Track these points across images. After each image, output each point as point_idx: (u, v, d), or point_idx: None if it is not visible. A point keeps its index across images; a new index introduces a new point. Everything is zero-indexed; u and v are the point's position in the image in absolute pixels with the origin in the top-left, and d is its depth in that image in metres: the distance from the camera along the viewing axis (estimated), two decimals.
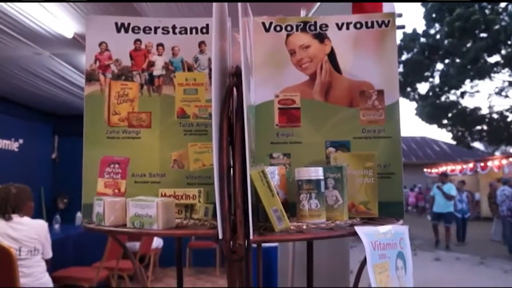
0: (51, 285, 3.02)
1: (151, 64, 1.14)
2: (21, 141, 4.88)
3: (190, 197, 0.95)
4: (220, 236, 0.73)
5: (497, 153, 16.98)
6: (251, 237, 0.74)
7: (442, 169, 15.72)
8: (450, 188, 8.72)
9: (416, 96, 14.27)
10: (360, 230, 0.78)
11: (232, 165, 0.84)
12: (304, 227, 0.84)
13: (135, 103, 1.12)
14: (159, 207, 0.80)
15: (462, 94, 13.67)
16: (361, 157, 1.00)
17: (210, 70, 1.12)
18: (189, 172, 1.10)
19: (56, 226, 4.44)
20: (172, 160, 1.10)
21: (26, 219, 2.92)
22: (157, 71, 1.14)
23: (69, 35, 3.08)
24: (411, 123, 34.37)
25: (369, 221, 0.96)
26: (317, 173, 0.88)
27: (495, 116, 13.34)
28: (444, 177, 9.25)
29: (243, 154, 0.78)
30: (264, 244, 4.02)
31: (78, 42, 3.17)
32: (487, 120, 13.42)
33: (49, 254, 3.05)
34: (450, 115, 13.67)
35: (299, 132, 1.12)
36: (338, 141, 1.11)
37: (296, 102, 1.12)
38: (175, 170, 1.10)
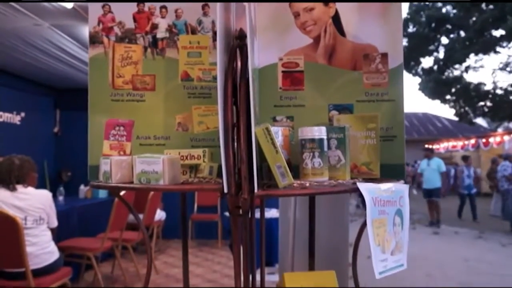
0: (58, 254, 3.08)
1: (155, 26, 1.13)
2: (23, 114, 4.88)
3: (195, 157, 0.97)
4: (225, 190, 0.75)
5: (500, 130, 16.97)
6: (255, 191, 0.75)
7: (444, 145, 15.76)
8: (440, 163, 8.52)
9: (420, 71, 14.11)
10: (362, 186, 0.79)
11: (236, 123, 0.85)
12: (307, 184, 0.86)
13: (139, 65, 1.12)
14: (165, 163, 0.82)
15: (467, 69, 13.50)
16: (364, 118, 1.00)
17: (214, 33, 1.12)
18: (193, 134, 1.11)
19: (60, 198, 4.49)
20: (177, 123, 1.11)
21: (31, 189, 2.96)
22: (161, 33, 1.14)
23: (69, 5, 3.04)
24: (414, 99, 34.21)
25: (370, 181, 0.97)
26: (320, 132, 0.90)
27: (498, 91, 13.23)
28: (429, 153, 9.01)
29: (247, 111, 0.79)
30: (266, 216, 4.07)
31: (78, 13, 3.13)
32: (490, 96, 13.31)
33: (54, 224, 3.10)
34: (453, 90, 13.54)
35: (302, 95, 1.12)
36: (341, 105, 1.11)
37: (300, 65, 1.12)
38: (179, 133, 1.11)
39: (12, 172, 2.90)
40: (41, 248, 2.92)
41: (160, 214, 5.25)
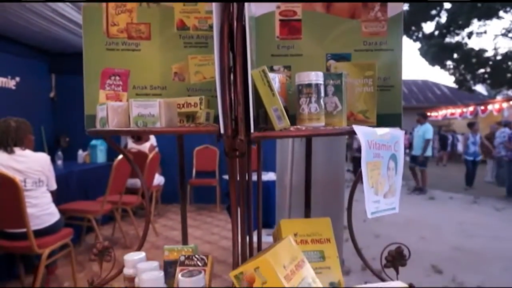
0: (58, 215, 3.13)
1: None
2: (18, 79, 4.82)
3: (191, 105, 0.96)
4: (222, 131, 0.75)
5: (499, 97, 16.92)
6: (251, 133, 0.76)
7: (442, 112, 15.75)
8: (427, 130, 8.17)
9: (421, 36, 13.89)
10: (358, 128, 0.79)
11: (233, 67, 0.84)
12: (303, 129, 0.86)
13: (134, 14, 1.09)
14: (162, 106, 0.82)
15: (469, 35, 13.30)
16: (361, 66, 1.00)
17: None
18: (190, 84, 1.10)
19: (59, 162, 4.51)
20: (173, 73, 1.10)
21: (28, 152, 2.96)
22: None
23: None
24: (413, 66, 33.86)
25: None
26: (317, 77, 0.89)
27: (499, 58, 13.09)
28: (422, 118, 8.44)
29: (244, 53, 0.78)
30: (263, 179, 4.11)
31: None
32: (490, 62, 13.19)
33: (54, 186, 3.13)
34: (454, 56, 13.39)
35: (300, 44, 1.11)
36: (339, 54, 1.10)
37: (298, 14, 1.10)
38: (176, 83, 1.10)
39: (9, 134, 2.89)
40: (42, 210, 2.96)
41: (158, 179, 5.30)
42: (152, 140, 5.33)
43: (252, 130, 0.77)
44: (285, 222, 1.04)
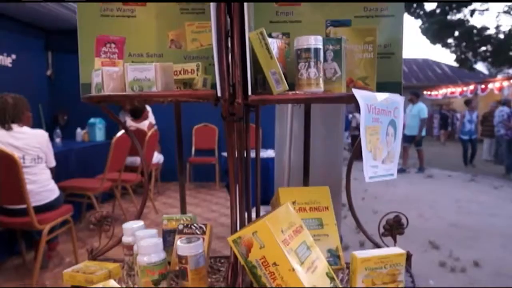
0: (58, 192, 3.14)
1: None
2: (13, 56, 4.77)
3: (188, 71, 0.95)
4: (219, 95, 0.74)
5: (500, 76, 16.82)
6: (249, 96, 0.74)
7: (442, 91, 15.67)
8: (422, 109, 8.03)
9: (422, 13, 13.68)
10: (357, 92, 0.78)
11: (230, 31, 0.82)
12: (302, 93, 0.85)
13: None
14: (157, 69, 0.80)
15: (471, 12, 13.11)
16: (361, 31, 0.97)
17: None
18: (186, 52, 1.08)
19: (57, 140, 4.50)
20: (169, 40, 1.08)
21: (26, 129, 2.95)
22: None
23: None
24: (414, 45, 33.48)
25: None
26: (316, 41, 0.87)
27: (501, 36, 12.94)
28: (415, 97, 8.30)
29: (241, 15, 0.76)
30: (262, 156, 4.11)
31: None
32: (493, 40, 13.04)
33: (53, 163, 3.13)
34: (456, 34, 13.22)
35: (299, 10, 1.08)
36: (339, 20, 1.08)
37: None
38: (172, 50, 1.08)
39: (6, 111, 2.87)
40: (41, 186, 2.97)
41: (158, 157, 5.30)
42: (151, 118, 5.31)
43: (249, 92, 0.76)
44: (284, 190, 1.04)
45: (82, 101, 0.96)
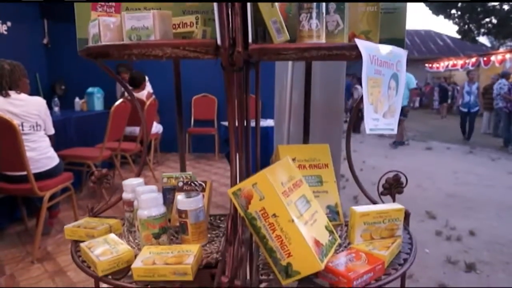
0: (58, 159, 3.14)
1: None
2: (9, 23, 4.67)
3: (187, 24, 0.92)
4: (219, 43, 0.72)
5: (502, 49, 16.61)
6: (250, 44, 0.73)
7: (444, 63, 15.52)
8: (410, 78, 7.66)
9: None
10: (360, 43, 0.77)
11: None
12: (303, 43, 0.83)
13: None
14: (156, 17, 0.78)
15: None
16: None
17: None
18: (185, 6, 1.05)
19: (56, 109, 4.47)
20: None
21: (24, 96, 2.92)
22: None
23: None
24: (416, 16, 32.86)
25: None
26: None
27: (505, 7, 12.70)
28: None
29: None
30: (262, 125, 4.09)
31: None
32: (496, 12, 12.80)
33: (51, 130, 3.12)
34: (460, 4, 12.97)
35: None
36: None
37: None
38: (171, 5, 1.05)
39: (3, 77, 2.84)
40: (41, 154, 2.97)
41: (157, 127, 5.29)
42: (148, 87, 5.27)
43: (250, 41, 0.74)
44: (283, 147, 1.04)
45: (79, 54, 0.94)
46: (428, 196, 4.75)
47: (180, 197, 0.92)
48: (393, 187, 1.10)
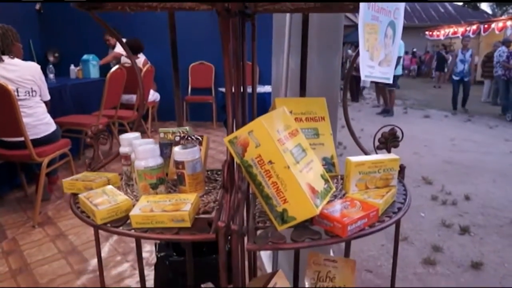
0: (55, 126, 3.13)
1: None
2: None
3: None
4: None
5: (504, 16, 16.32)
6: None
7: (444, 31, 15.28)
8: (399, 45, 7.71)
9: None
10: None
11: None
12: None
13: None
14: None
15: None
16: None
17: None
18: None
19: (51, 76, 4.43)
20: None
21: (18, 61, 2.88)
22: None
23: None
24: None
25: None
26: None
27: None
28: None
29: None
30: (259, 91, 4.07)
31: None
32: None
33: (47, 97, 3.10)
34: None
35: None
36: None
37: None
38: None
39: None
40: (38, 120, 2.96)
41: (154, 95, 5.26)
42: (143, 56, 5.20)
43: None
44: (280, 100, 1.04)
45: (71, 6, 0.92)
46: (424, 163, 4.79)
47: (177, 148, 0.92)
48: (389, 141, 1.10)
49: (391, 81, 0.85)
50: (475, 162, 4.93)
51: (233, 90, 0.84)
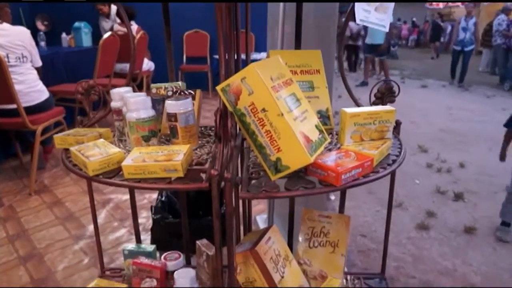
0: (47, 93, 3.09)
1: None
2: None
3: None
4: None
5: None
6: None
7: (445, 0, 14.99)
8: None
9: None
10: None
11: None
12: None
13: None
14: None
15: None
16: None
17: None
18: None
19: (42, 44, 4.33)
20: None
21: (7, 25, 2.81)
22: None
23: None
24: None
25: None
26: None
27: None
28: None
29: None
30: (256, 57, 4.02)
31: None
32: None
33: (38, 63, 3.04)
34: None
35: None
36: None
37: None
38: None
39: None
40: (30, 87, 2.91)
41: (148, 64, 5.19)
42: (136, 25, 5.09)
43: None
44: (274, 52, 1.01)
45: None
46: (421, 132, 4.79)
47: (169, 101, 0.90)
48: (385, 96, 1.08)
49: (387, 30, 0.83)
50: (471, 130, 4.94)
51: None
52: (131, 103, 0.88)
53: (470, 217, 2.80)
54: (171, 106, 0.89)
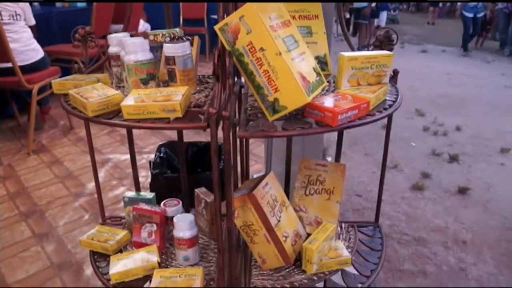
0: (42, 52, 3.05)
1: None
2: None
3: None
4: None
5: None
6: None
7: None
8: None
9: None
10: None
11: None
12: None
13: None
14: None
15: None
16: None
17: None
18: None
19: (35, 4, 4.23)
20: None
21: None
22: None
23: None
24: None
25: None
26: None
27: None
28: None
29: None
30: None
31: None
32: None
33: (32, 21, 2.99)
34: None
35: None
36: None
37: None
38: None
39: None
40: (24, 45, 2.88)
41: (144, 26, 5.09)
42: None
43: None
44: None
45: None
46: (419, 96, 4.79)
47: (167, 44, 0.90)
48: (383, 44, 1.08)
49: None
50: (469, 95, 4.94)
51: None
52: (129, 45, 0.87)
53: (464, 178, 2.85)
54: (169, 49, 0.89)
